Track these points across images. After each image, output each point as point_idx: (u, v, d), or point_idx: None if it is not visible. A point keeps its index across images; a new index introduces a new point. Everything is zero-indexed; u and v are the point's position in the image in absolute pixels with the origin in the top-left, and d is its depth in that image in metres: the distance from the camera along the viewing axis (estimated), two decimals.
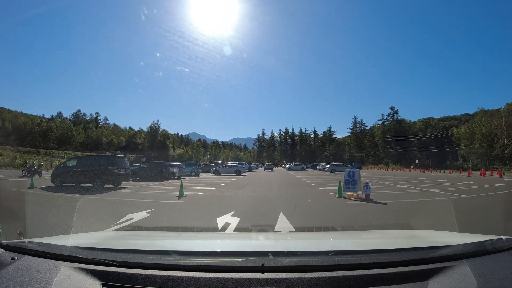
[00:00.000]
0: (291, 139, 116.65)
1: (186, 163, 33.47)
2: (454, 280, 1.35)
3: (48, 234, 4.93)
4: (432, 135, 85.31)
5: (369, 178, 24.53)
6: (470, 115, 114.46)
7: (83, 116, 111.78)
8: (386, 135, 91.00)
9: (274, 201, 10.88)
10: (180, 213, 8.61)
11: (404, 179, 26.15)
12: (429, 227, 4.91)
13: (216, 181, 22.46)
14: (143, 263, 1.44)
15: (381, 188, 16.14)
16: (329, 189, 15.43)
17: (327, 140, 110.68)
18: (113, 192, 13.69)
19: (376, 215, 8.24)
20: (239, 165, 37.37)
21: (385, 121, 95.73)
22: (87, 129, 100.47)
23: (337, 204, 10.40)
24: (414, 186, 17.86)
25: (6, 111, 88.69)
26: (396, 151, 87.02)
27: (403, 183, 20.45)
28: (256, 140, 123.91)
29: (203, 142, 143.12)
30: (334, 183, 20.23)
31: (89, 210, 8.70)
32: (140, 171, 23.67)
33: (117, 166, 15.97)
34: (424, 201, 11.30)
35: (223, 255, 1.68)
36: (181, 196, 11.69)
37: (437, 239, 2.10)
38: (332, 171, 40.79)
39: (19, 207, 8.46)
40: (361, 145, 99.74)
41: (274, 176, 31.64)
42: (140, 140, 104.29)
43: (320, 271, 1.36)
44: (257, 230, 2.78)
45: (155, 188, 16.08)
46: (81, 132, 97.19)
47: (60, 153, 76.39)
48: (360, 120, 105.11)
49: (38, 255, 1.55)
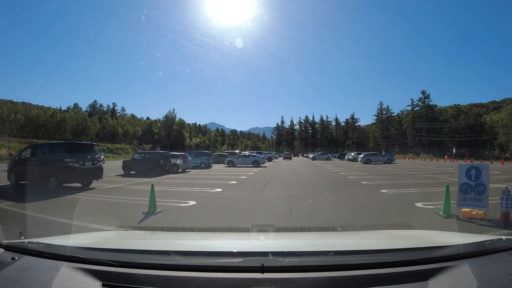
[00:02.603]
0: (312, 128, 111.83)
1: (195, 153, 28.37)
2: (454, 280, 1.34)
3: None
4: (465, 122, 77.48)
5: (426, 174, 18.72)
6: (497, 102, 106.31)
7: (100, 107, 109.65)
8: (417, 122, 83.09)
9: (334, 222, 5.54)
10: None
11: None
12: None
13: (227, 176, 17.33)
14: (143, 263, 1.43)
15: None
16: (403, 194, 9.94)
17: (350, 128, 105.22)
18: (54, 201, 8.73)
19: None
20: (257, 155, 31.61)
21: (415, 106, 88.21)
22: (102, 120, 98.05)
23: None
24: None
25: (18, 104, 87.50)
26: (428, 139, 78.88)
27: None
28: (275, 129, 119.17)
29: (221, 132, 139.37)
30: (390, 179, 14.80)
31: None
32: (133, 163, 18.93)
33: (78, 158, 11.09)
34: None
35: (223, 255, 1.65)
36: (150, 214, 6.59)
37: (437, 239, 2.04)
38: (366, 162, 34.60)
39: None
40: (387, 133, 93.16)
41: (301, 168, 26.15)
42: (156, 130, 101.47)
43: (320, 271, 1.35)
44: (257, 230, 2.38)
45: (130, 192, 10.92)
46: (96, 123, 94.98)
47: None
48: (386, 106, 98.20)
49: (38, 255, 1.54)
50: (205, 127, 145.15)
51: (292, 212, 6.93)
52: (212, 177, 17.04)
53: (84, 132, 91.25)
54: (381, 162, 34.82)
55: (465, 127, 76.49)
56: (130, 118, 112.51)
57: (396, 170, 22.35)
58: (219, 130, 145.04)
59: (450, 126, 78.90)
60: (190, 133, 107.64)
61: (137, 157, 19.73)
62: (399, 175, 17.94)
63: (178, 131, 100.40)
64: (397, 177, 16.64)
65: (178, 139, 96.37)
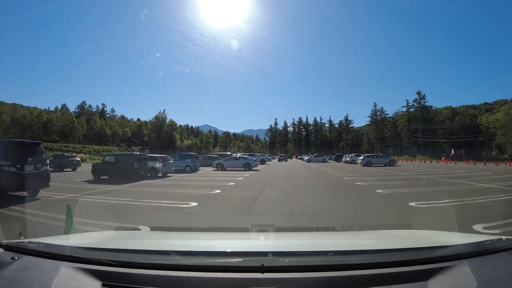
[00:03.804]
0: (305, 129, 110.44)
1: (180, 154, 25.69)
2: (454, 280, 1.33)
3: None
4: (461, 123, 76.55)
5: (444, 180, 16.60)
6: (489, 104, 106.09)
7: (88, 108, 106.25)
8: (412, 123, 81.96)
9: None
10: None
11: (478, 176, 17.86)
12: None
13: (212, 182, 14.82)
14: (143, 263, 1.42)
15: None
16: (442, 208, 7.59)
17: (343, 129, 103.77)
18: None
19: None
20: (249, 157, 28.87)
21: (410, 107, 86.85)
22: (90, 121, 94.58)
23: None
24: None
25: (5, 104, 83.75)
26: (423, 140, 77.50)
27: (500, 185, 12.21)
28: (268, 131, 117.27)
29: (214, 134, 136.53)
30: (410, 186, 12.50)
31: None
32: (104, 167, 16.30)
33: (15, 161, 8.64)
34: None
35: (223, 255, 1.65)
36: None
37: (437, 239, 2.02)
38: (367, 164, 32.32)
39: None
40: (381, 134, 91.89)
41: (297, 172, 23.72)
42: (146, 131, 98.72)
43: (320, 271, 1.34)
44: (257, 230, 2.40)
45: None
46: (84, 124, 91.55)
47: (58, 146, 71.03)
48: (380, 107, 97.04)
49: (38, 255, 1.53)
50: (198, 129, 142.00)
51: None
52: (193, 183, 14.48)
53: (71, 133, 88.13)
54: (382, 165, 32.68)
55: (460, 128, 75.32)
56: (119, 119, 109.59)
57: (406, 174, 19.97)
58: (212, 132, 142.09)
59: (445, 127, 78.29)
60: (182, 135, 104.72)
61: (108, 160, 17.06)
62: (416, 180, 15.59)
63: (169, 132, 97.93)
64: (415, 183, 14.15)
65: (169, 140, 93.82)
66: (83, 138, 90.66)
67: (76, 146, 77.29)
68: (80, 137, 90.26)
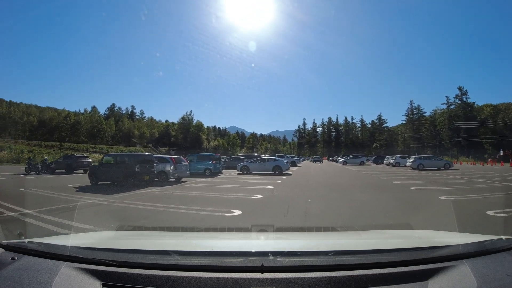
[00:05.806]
0: (335, 130, 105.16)
1: (199, 155, 22.04)
2: (454, 280, 1.33)
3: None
4: (505, 121, 67.60)
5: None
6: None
7: (118, 110, 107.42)
8: (454, 122, 73.61)
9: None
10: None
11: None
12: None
13: (233, 193, 10.93)
14: (143, 263, 1.41)
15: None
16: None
17: (376, 129, 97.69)
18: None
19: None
20: (279, 159, 24.70)
21: (451, 104, 78.46)
22: (119, 123, 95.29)
23: None
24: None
25: (32, 106, 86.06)
26: (466, 140, 69.17)
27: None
28: (296, 132, 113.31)
29: (241, 135, 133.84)
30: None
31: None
32: (101, 171, 13.04)
33: None
34: None
35: (223, 255, 1.63)
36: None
37: (437, 239, 2.02)
38: (419, 167, 27.01)
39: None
40: (418, 134, 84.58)
41: (341, 178, 19.24)
42: (173, 132, 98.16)
43: (320, 271, 1.34)
44: (257, 230, 2.36)
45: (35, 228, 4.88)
46: (112, 125, 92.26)
47: (84, 147, 71.31)
48: (417, 105, 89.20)
49: (38, 255, 1.52)
50: (225, 131, 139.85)
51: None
52: (208, 195, 10.60)
53: (99, 135, 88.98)
54: (436, 168, 27.29)
55: (504, 127, 67.42)
56: (148, 121, 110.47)
57: (488, 182, 14.98)
58: (239, 134, 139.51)
59: (487, 126, 70.11)
60: (208, 136, 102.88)
61: (106, 161, 13.81)
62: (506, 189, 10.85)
63: (196, 133, 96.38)
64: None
65: (196, 141, 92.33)
66: (112, 139, 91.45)
67: (103, 146, 77.41)
68: (108, 138, 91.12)
